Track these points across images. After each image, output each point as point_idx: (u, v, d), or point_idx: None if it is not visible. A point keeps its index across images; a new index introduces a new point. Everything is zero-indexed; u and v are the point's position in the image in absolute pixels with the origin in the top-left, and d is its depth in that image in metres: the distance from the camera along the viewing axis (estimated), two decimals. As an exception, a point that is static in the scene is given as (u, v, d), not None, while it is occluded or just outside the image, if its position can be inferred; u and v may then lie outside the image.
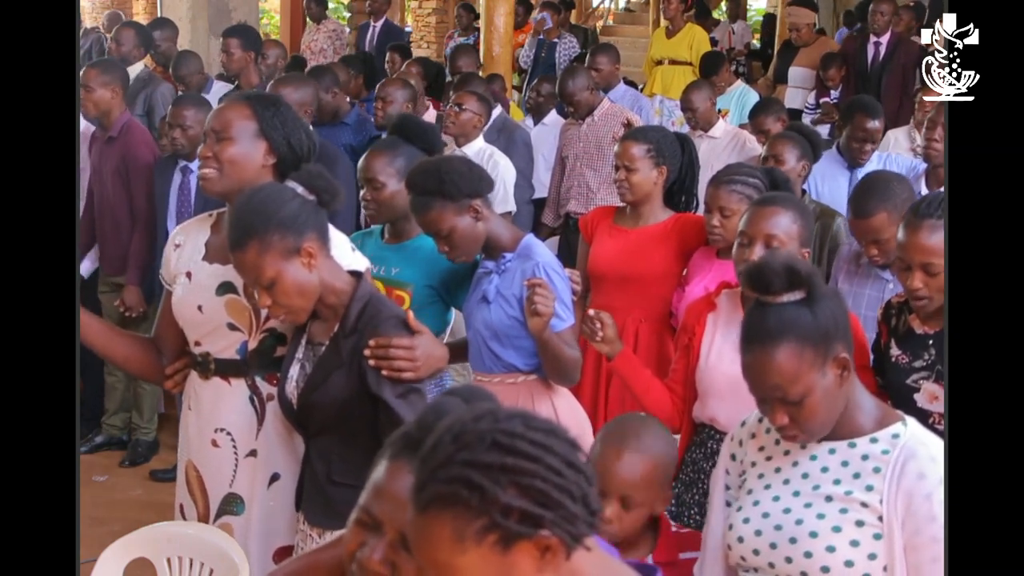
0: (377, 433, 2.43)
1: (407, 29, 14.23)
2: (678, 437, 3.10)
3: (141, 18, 12.18)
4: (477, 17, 10.16)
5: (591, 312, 3.06)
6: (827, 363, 2.03)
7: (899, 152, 5.25)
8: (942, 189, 4.27)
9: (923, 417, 2.76)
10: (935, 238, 2.65)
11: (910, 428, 2.09)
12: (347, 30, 10.69)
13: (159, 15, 9.51)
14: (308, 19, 10.86)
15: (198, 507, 2.77)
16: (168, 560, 2.68)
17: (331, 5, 11.80)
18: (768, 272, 2.05)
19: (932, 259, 2.65)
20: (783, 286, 2.04)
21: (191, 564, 2.66)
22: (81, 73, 5.34)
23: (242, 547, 2.63)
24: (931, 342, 2.77)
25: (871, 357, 2.97)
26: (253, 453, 2.70)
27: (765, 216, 2.93)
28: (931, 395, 2.75)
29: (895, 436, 2.07)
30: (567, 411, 3.21)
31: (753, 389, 2.08)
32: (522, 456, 1.40)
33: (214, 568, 2.62)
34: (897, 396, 2.83)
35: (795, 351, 2.00)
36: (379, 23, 10.25)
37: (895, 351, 2.86)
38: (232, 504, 2.72)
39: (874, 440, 2.08)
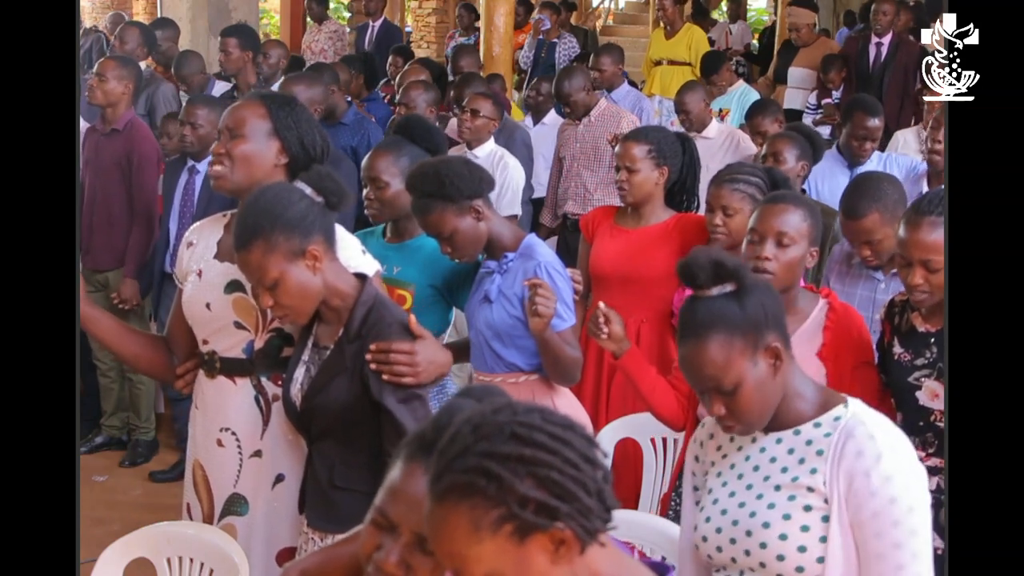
0: (379, 439, 2.43)
1: (407, 29, 14.24)
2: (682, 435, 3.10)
3: (141, 18, 12.18)
4: (478, 17, 10.16)
5: (601, 305, 3.05)
6: (758, 353, 2.06)
7: (908, 153, 5.24)
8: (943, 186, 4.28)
9: (925, 414, 2.77)
10: (935, 235, 2.66)
11: (851, 408, 2.10)
12: (347, 31, 10.69)
13: (159, 15, 9.52)
14: (309, 19, 10.87)
15: (203, 507, 2.76)
16: (168, 560, 2.69)
17: (331, 5, 11.77)
18: (695, 267, 2.09)
19: (932, 256, 2.66)
20: (709, 280, 2.08)
21: (191, 564, 2.67)
22: (98, 62, 5.39)
23: (245, 548, 2.63)
24: (933, 340, 2.78)
25: (875, 355, 2.97)
26: (258, 453, 2.69)
27: (776, 213, 2.94)
28: (932, 392, 2.76)
29: (836, 418, 2.09)
30: (568, 411, 3.20)
31: (690, 381, 2.12)
32: (540, 448, 1.41)
33: (214, 568, 2.62)
34: (899, 394, 2.84)
35: (724, 342, 2.04)
36: (378, 23, 10.27)
37: (897, 349, 2.87)
38: (236, 504, 2.71)
39: (817, 425, 2.10)
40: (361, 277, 2.55)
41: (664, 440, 3.47)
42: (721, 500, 2.16)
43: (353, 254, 2.67)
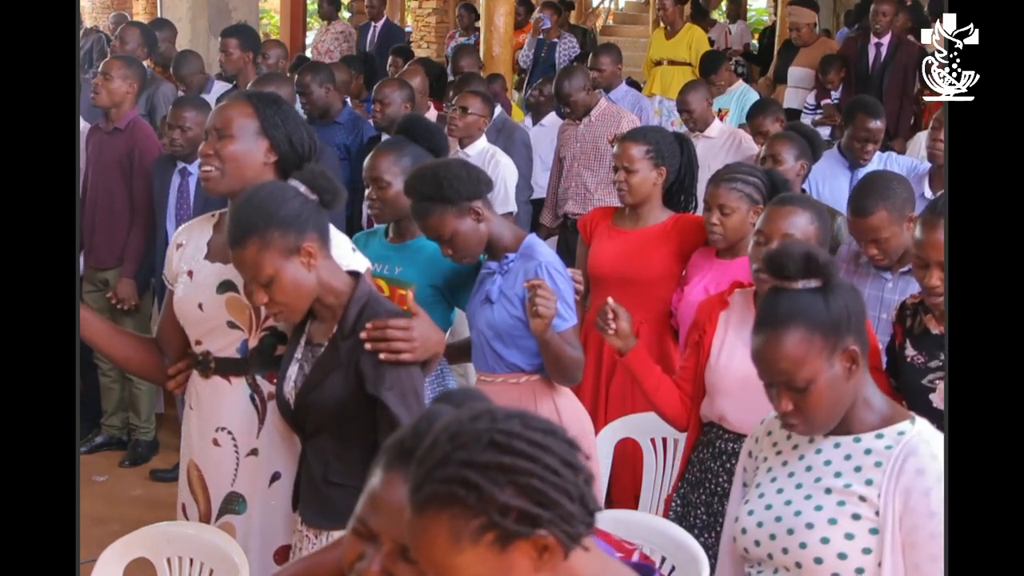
0: (374, 434, 2.43)
1: (407, 29, 14.24)
2: (684, 436, 3.10)
3: (141, 18, 12.18)
4: (478, 17, 10.17)
5: (610, 300, 3.04)
6: (836, 354, 2.04)
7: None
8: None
9: (938, 417, 2.76)
10: None
11: (917, 426, 2.09)
12: (354, 31, 10.70)
13: (159, 15, 9.53)
14: (314, 19, 10.87)
15: (200, 506, 2.76)
16: (168, 560, 2.69)
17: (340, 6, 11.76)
18: (785, 258, 2.07)
19: None
20: (799, 272, 2.06)
21: (191, 564, 2.67)
22: (103, 62, 5.39)
23: (243, 546, 2.62)
24: None
25: (884, 359, 2.97)
26: (254, 452, 2.69)
27: (783, 215, 2.95)
28: None
29: (901, 433, 2.07)
30: (570, 411, 3.21)
31: (761, 373, 2.09)
32: (519, 455, 1.40)
33: (214, 568, 2.62)
34: (912, 396, 2.83)
35: (804, 337, 2.02)
36: (380, 23, 10.27)
37: (910, 351, 2.86)
38: (234, 503, 2.71)
39: (879, 436, 2.08)
40: (355, 275, 2.55)
41: (664, 440, 3.47)
42: (768, 495, 2.14)
43: (344, 252, 2.67)
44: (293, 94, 5.19)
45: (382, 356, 2.40)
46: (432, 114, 6.37)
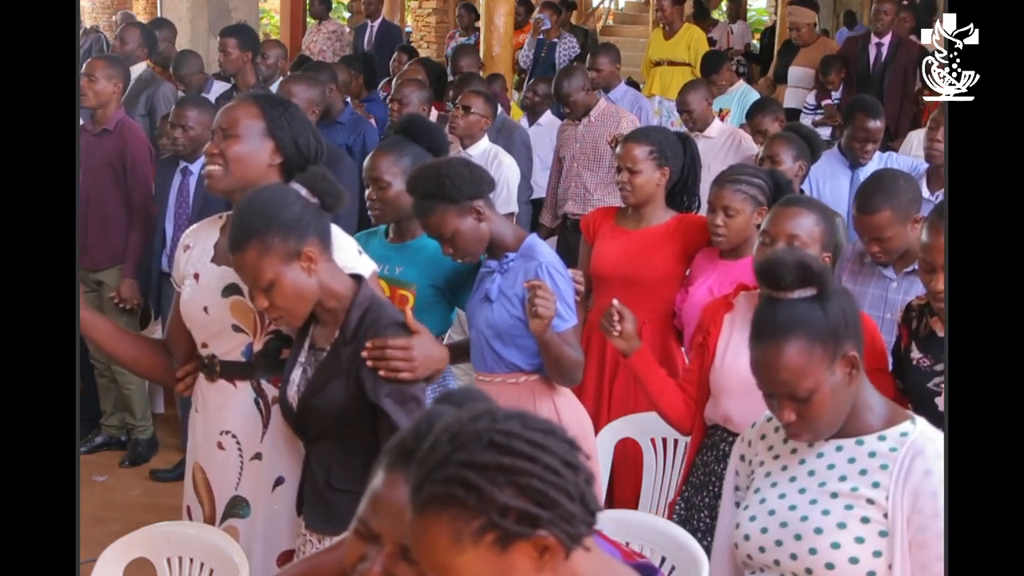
0: (376, 440, 2.42)
1: (407, 29, 14.25)
2: (688, 439, 3.09)
3: (141, 18, 12.18)
4: (478, 17, 10.17)
5: (615, 302, 3.04)
6: (836, 361, 2.03)
7: (920, 153, 5.24)
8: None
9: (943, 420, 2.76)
10: None
11: (919, 426, 2.09)
12: (347, 31, 10.69)
13: (159, 15, 9.53)
14: (310, 17, 10.88)
15: (204, 510, 2.76)
16: (168, 560, 2.69)
17: (332, 5, 11.78)
18: (780, 267, 2.06)
19: None
20: (794, 282, 2.05)
21: (191, 564, 2.67)
22: (86, 63, 5.38)
23: (247, 550, 2.62)
24: None
25: (890, 360, 2.96)
26: (258, 456, 2.68)
27: (789, 216, 2.94)
28: None
29: (904, 434, 2.07)
30: (569, 411, 3.21)
31: (761, 385, 2.08)
32: (519, 456, 1.40)
33: (214, 568, 2.62)
34: (918, 399, 2.81)
35: (804, 347, 2.01)
36: (376, 23, 10.28)
37: (916, 354, 2.85)
38: (238, 507, 2.71)
39: (882, 438, 2.08)
40: (357, 278, 2.54)
41: (664, 440, 3.47)
42: (769, 500, 2.13)
43: (349, 255, 2.66)
44: (320, 96, 5.16)
45: (382, 373, 2.40)
46: (433, 114, 6.36)
